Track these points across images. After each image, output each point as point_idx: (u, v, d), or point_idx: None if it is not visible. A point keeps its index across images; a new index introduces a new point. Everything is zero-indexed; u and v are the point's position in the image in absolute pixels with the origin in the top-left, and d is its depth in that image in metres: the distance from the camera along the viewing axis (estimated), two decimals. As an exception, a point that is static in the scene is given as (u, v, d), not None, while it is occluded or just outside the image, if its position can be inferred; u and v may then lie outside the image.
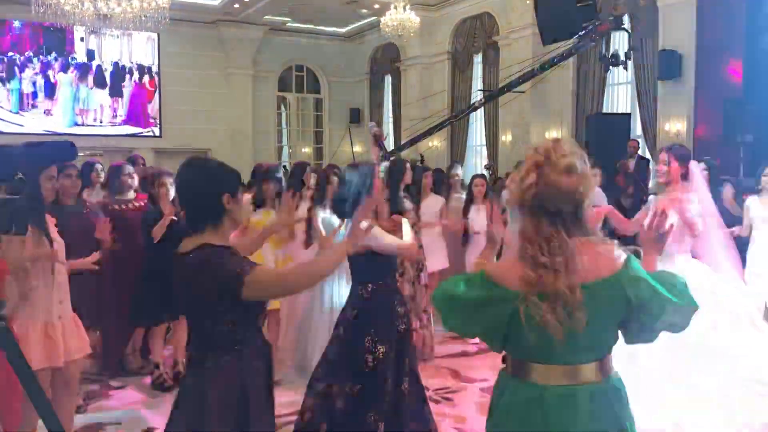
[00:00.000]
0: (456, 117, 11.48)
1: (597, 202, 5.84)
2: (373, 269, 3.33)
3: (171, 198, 4.88)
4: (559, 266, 1.75)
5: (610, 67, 9.42)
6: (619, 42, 11.54)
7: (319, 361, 3.51)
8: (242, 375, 2.15)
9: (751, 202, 5.50)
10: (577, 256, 1.77)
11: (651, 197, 5.34)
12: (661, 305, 1.83)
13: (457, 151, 15.59)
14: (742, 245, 5.59)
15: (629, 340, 1.91)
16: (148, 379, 5.10)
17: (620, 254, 1.85)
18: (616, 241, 1.91)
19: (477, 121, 15.24)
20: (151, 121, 16.72)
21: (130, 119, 16.50)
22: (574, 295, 1.74)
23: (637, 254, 1.94)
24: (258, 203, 5.10)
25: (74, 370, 3.54)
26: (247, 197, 5.10)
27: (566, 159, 1.80)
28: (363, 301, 3.33)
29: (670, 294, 1.83)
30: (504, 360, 1.99)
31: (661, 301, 1.82)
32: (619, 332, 1.91)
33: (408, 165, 5.65)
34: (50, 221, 3.49)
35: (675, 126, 10.80)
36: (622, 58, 9.00)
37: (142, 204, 5.10)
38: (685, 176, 3.98)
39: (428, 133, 11.05)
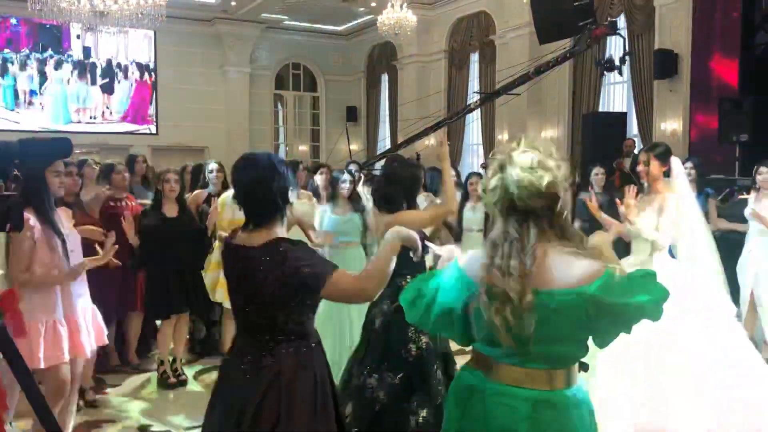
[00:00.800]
0: (451, 118, 11.50)
1: None
2: (411, 261, 3.33)
3: (176, 195, 4.89)
4: (513, 269, 1.72)
5: (605, 72, 9.45)
6: (615, 44, 11.58)
7: (350, 360, 3.55)
8: (315, 363, 2.22)
9: (750, 200, 5.50)
10: (540, 260, 1.73)
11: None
12: (614, 324, 1.77)
13: (454, 150, 15.59)
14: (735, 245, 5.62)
15: (601, 345, 1.87)
16: (144, 376, 5.10)
17: (596, 268, 1.75)
18: (597, 252, 1.82)
19: (474, 120, 15.25)
20: (148, 118, 16.71)
21: (126, 117, 16.48)
22: (522, 299, 1.70)
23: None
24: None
25: (79, 366, 3.58)
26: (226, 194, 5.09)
27: (527, 155, 1.78)
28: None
29: (640, 299, 1.75)
30: None
31: (617, 321, 1.76)
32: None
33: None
34: (66, 215, 3.51)
35: (671, 125, 10.83)
36: (617, 63, 9.03)
37: (134, 204, 5.14)
38: (667, 173, 4.03)
39: (424, 133, 11.08)
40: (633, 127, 11.56)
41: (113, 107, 16.34)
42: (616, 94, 12.40)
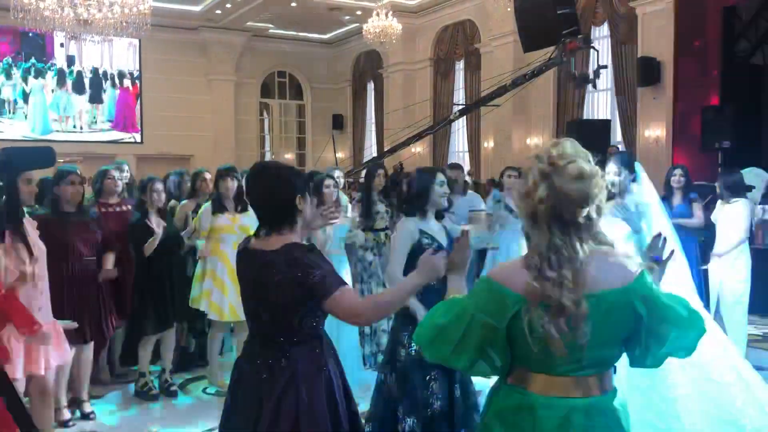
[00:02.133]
0: (432, 129, 11.58)
1: (474, 206, 5.89)
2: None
3: (162, 204, 4.85)
4: (565, 279, 1.70)
5: (579, 85, 9.59)
6: (600, 53, 11.70)
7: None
8: (328, 363, 2.31)
9: (718, 206, 5.61)
10: (586, 266, 1.72)
11: None
12: (669, 322, 1.75)
13: (440, 158, 15.66)
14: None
15: (634, 363, 1.84)
16: (130, 387, 5.04)
17: (634, 266, 1.77)
18: (633, 252, 1.83)
19: (459, 128, 15.33)
20: (133, 127, 16.62)
21: (110, 126, 16.39)
22: (579, 308, 1.68)
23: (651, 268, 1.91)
24: (216, 206, 4.92)
25: (49, 379, 3.48)
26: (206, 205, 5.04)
27: (574, 164, 1.74)
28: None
29: (680, 313, 1.77)
30: None
31: (670, 318, 1.75)
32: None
33: (380, 171, 5.75)
34: (31, 226, 3.42)
35: (654, 132, 10.93)
36: (591, 76, 9.17)
37: (125, 209, 5.07)
38: (634, 180, 4.14)
39: (407, 143, 11.16)
40: (617, 135, 11.65)
41: (98, 116, 16.25)
42: (600, 102, 12.51)
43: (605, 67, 10.49)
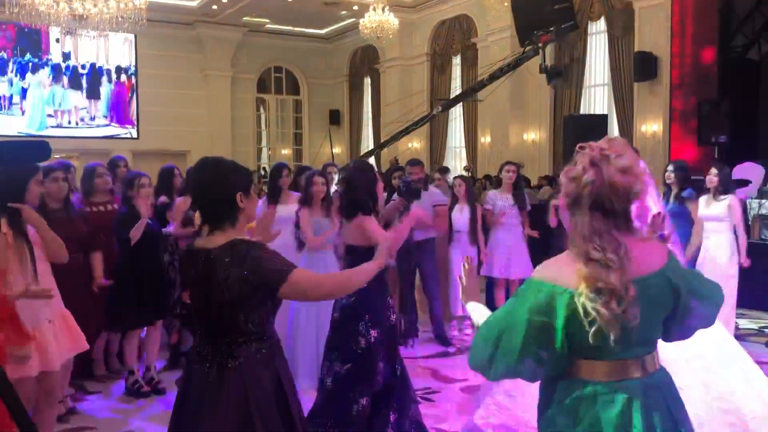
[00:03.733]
0: (415, 125, 11.58)
1: (437, 201, 5.91)
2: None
3: (149, 201, 4.81)
4: (612, 262, 1.75)
5: (551, 79, 9.62)
6: (596, 48, 11.69)
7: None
8: (275, 362, 2.29)
9: (701, 201, 5.59)
10: (630, 251, 1.79)
11: None
12: (697, 295, 1.90)
13: (436, 153, 15.65)
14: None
15: (667, 338, 1.95)
16: (121, 384, 5.02)
17: (664, 250, 1.92)
18: (659, 236, 1.92)
19: (456, 122, 15.33)
20: (128, 122, 16.58)
21: (106, 121, 16.35)
22: (628, 291, 1.74)
23: None
24: None
25: (56, 377, 3.46)
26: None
27: (623, 159, 1.82)
28: (360, 290, 3.44)
29: (705, 286, 1.96)
30: None
31: (698, 291, 1.91)
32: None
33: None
34: (39, 223, 3.40)
35: (651, 127, 10.94)
36: (563, 71, 9.21)
37: (117, 207, 5.04)
38: None
39: (394, 138, 11.18)
40: (614, 129, 11.66)
41: (93, 111, 16.21)
42: (597, 97, 12.51)
43: (579, 58, 10.52)
